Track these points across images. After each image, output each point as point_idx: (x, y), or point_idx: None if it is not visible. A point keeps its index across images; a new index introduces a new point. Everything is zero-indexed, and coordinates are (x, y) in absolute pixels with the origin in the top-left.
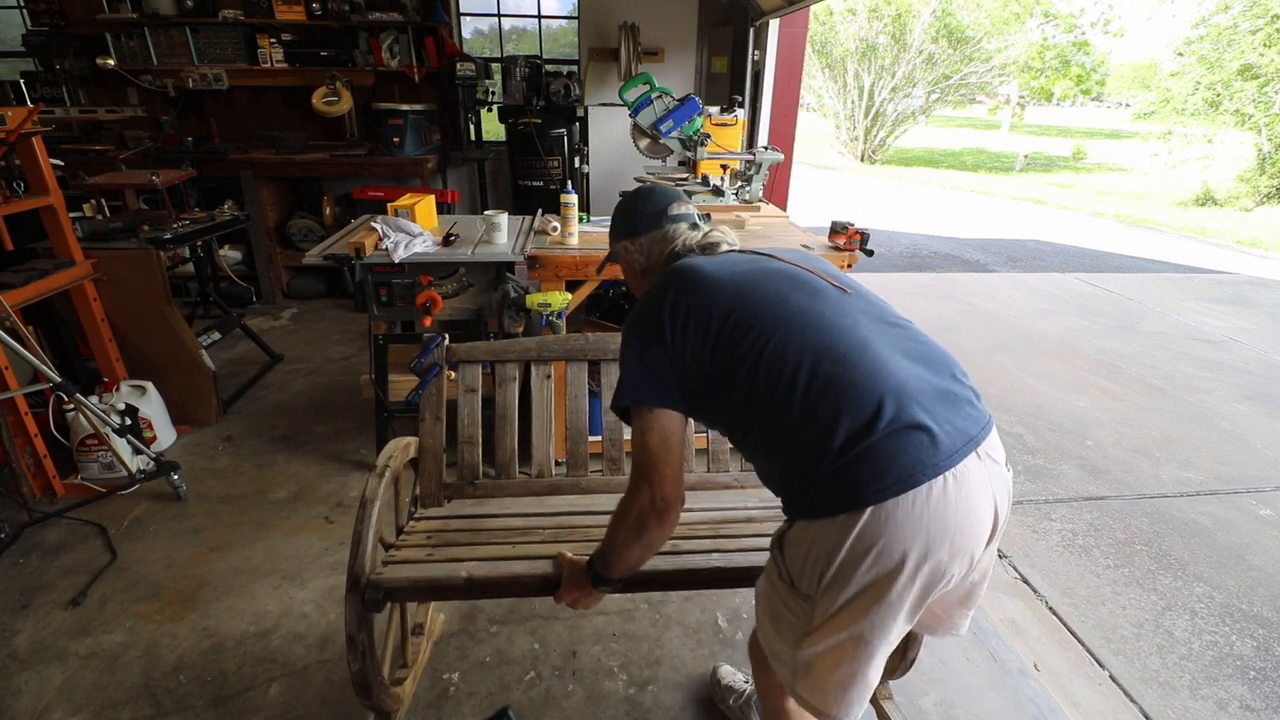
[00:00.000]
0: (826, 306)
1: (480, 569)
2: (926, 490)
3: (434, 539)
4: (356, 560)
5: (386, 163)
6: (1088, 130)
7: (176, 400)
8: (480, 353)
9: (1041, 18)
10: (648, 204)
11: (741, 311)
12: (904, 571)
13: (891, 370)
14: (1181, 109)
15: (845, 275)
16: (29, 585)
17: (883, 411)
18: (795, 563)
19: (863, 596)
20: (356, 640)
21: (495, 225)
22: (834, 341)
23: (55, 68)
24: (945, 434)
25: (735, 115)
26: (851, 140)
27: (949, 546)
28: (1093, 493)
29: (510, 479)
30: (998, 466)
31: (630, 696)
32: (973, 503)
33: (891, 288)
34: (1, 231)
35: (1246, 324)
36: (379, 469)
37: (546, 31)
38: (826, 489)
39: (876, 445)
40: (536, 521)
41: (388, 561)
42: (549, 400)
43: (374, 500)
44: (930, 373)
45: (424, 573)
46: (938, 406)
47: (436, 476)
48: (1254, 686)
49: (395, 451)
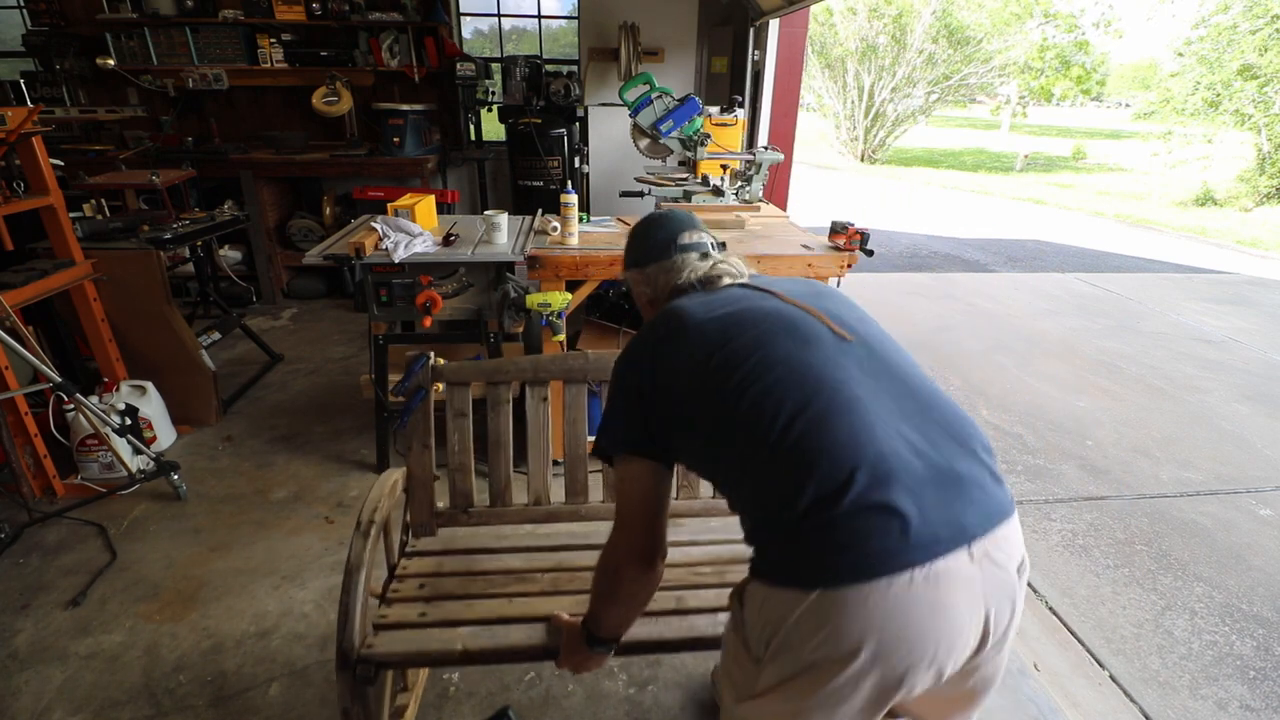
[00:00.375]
0: (816, 356)
1: (476, 639)
2: (886, 585)
3: (427, 587)
4: (345, 635)
5: (386, 163)
6: (1088, 130)
7: (176, 400)
8: (470, 374)
9: (1042, 18)
10: (656, 233)
11: (723, 356)
12: (851, 668)
13: (876, 437)
14: (1181, 109)
15: (858, 318)
16: (29, 585)
17: (852, 484)
18: (750, 621)
19: (805, 679)
20: (351, 713)
21: (495, 225)
22: (814, 397)
23: (55, 68)
24: (924, 522)
25: (735, 115)
26: (851, 140)
27: (907, 654)
28: (1093, 493)
29: (507, 506)
30: (999, 571)
31: (630, 696)
32: (947, 610)
33: (891, 288)
34: (1, 231)
35: (1246, 324)
36: (363, 526)
37: (546, 31)
38: (781, 558)
39: (838, 521)
40: (535, 560)
41: (379, 624)
42: (545, 424)
43: (360, 567)
44: (931, 444)
45: (417, 645)
46: (926, 488)
47: (428, 505)
48: (1254, 686)
49: (381, 497)
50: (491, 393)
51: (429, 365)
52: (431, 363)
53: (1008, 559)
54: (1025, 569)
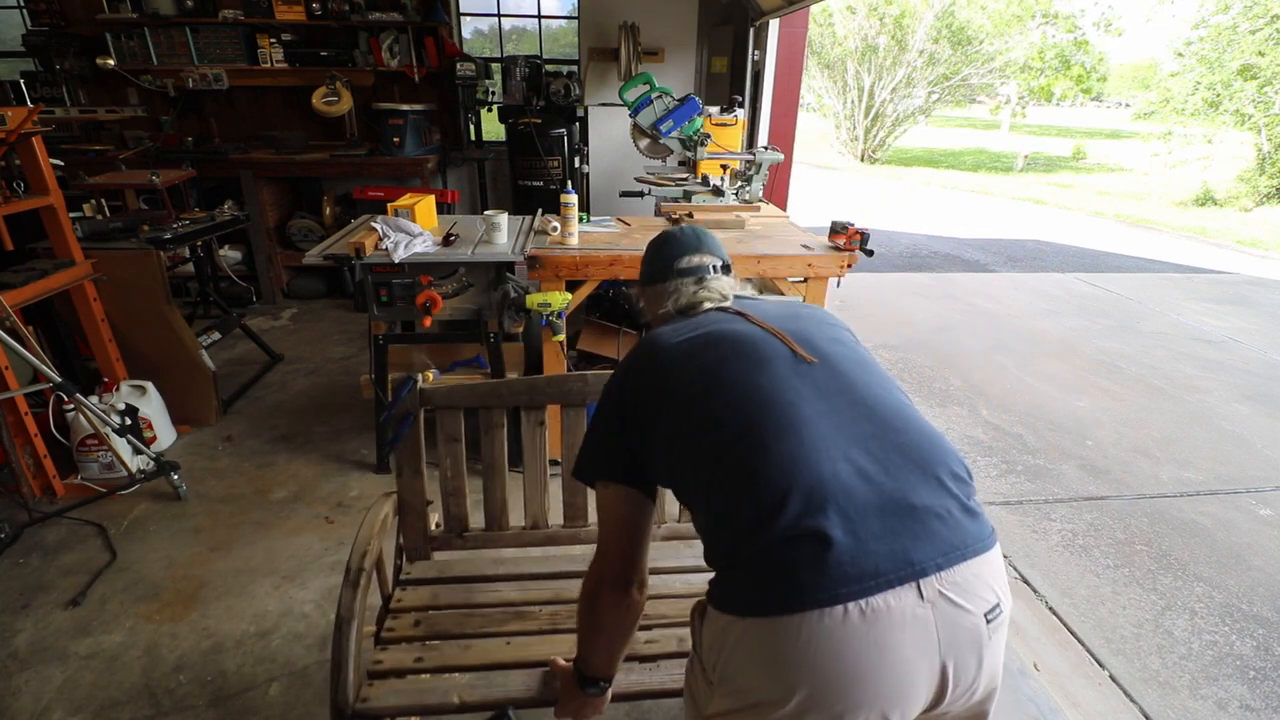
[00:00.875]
0: (766, 378)
1: (473, 691)
2: (818, 618)
3: (423, 625)
4: (339, 689)
5: (386, 163)
6: (1088, 130)
7: (176, 400)
8: (461, 398)
9: (1042, 18)
10: (660, 255)
11: (679, 380)
12: (786, 708)
13: (819, 459)
14: (1181, 109)
15: (831, 339)
16: (29, 585)
17: (785, 508)
18: (705, 641)
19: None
20: None
21: (495, 225)
22: (760, 419)
23: (55, 68)
24: (863, 553)
25: (735, 115)
26: (851, 140)
27: (844, 696)
28: (1093, 493)
29: (503, 530)
30: (960, 614)
31: None
32: (888, 651)
33: (891, 288)
34: (1, 231)
35: (1246, 324)
36: (352, 574)
37: (546, 31)
38: (721, 582)
39: (771, 547)
40: (532, 591)
41: (374, 671)
42: (541, 450)
43: (351, 620)
44: (885, 470)
45: (413, 698)
46: (869, 516)
47: (422, 531)
48: (1254, 686)
49: (371, 536)
50: (484, 417)
51: (417, 388)
52: (420, 385)
53: (972, 601)
54: (1000, 615)
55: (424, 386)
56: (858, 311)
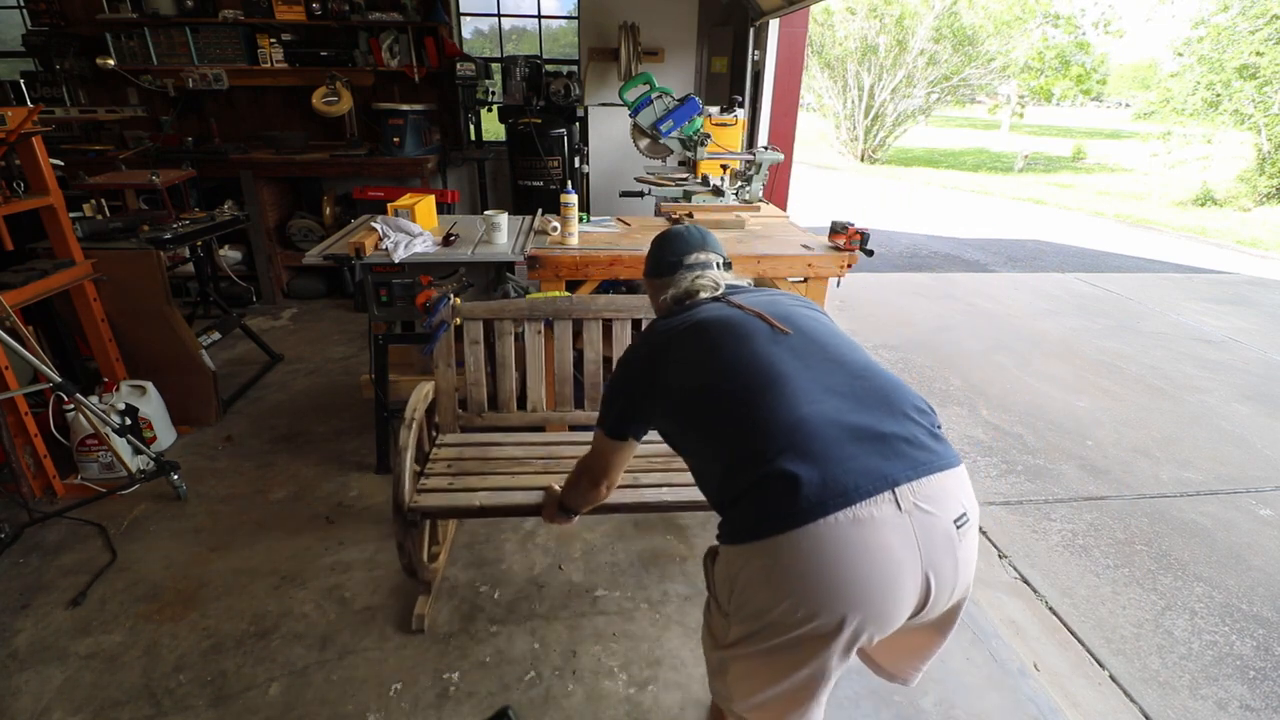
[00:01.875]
0: (749, 348)
1: (490, 499)
2: (813, 529)
3: (453, 467)
4: (398, 492)
5: (386, 163)
6: (1088, 130)
7: (176, 400)
8: (481, 311)
9: (1043, 19)
10: (669, 250)
11: (683, 363)
12: (794, 614)
13: (798, 404)
14: (1181, 109)
15: (806, 316)
16: (29, 585)
17: (773, 446)
18: (717, 580)
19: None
20: (405, 545)
21: (495, 225)
22: (746, 379)
23: (55, 68)
24: (844, 471)
25: (735, 115)
26: (851, 140)
27: (846, 596)
28: (1093, 493)
29: (510, 413)
30: (932, 519)
31: (630, 696)
32: (878, 551)
33: (891, 288)
34: (1, 231)
35: (1246, 324)
36: (407, 420)
37: (546, 31)
38: (728, 519)
39: (764, 479)
40: (531, 450)
41: (420, 489)
42: (540, 350)
43: (406, 448)
44: (856, 409)
45: (448, 501)
46: (845, 444)
47: (451, 410)
48: (1254, 686)
49: (417, 402)
50: (498, 325)
51: (450, 304)
52: (451, 302)
53: (944, 507)
54: (968, 522)
55: (454, 304)
56: (858, 311)
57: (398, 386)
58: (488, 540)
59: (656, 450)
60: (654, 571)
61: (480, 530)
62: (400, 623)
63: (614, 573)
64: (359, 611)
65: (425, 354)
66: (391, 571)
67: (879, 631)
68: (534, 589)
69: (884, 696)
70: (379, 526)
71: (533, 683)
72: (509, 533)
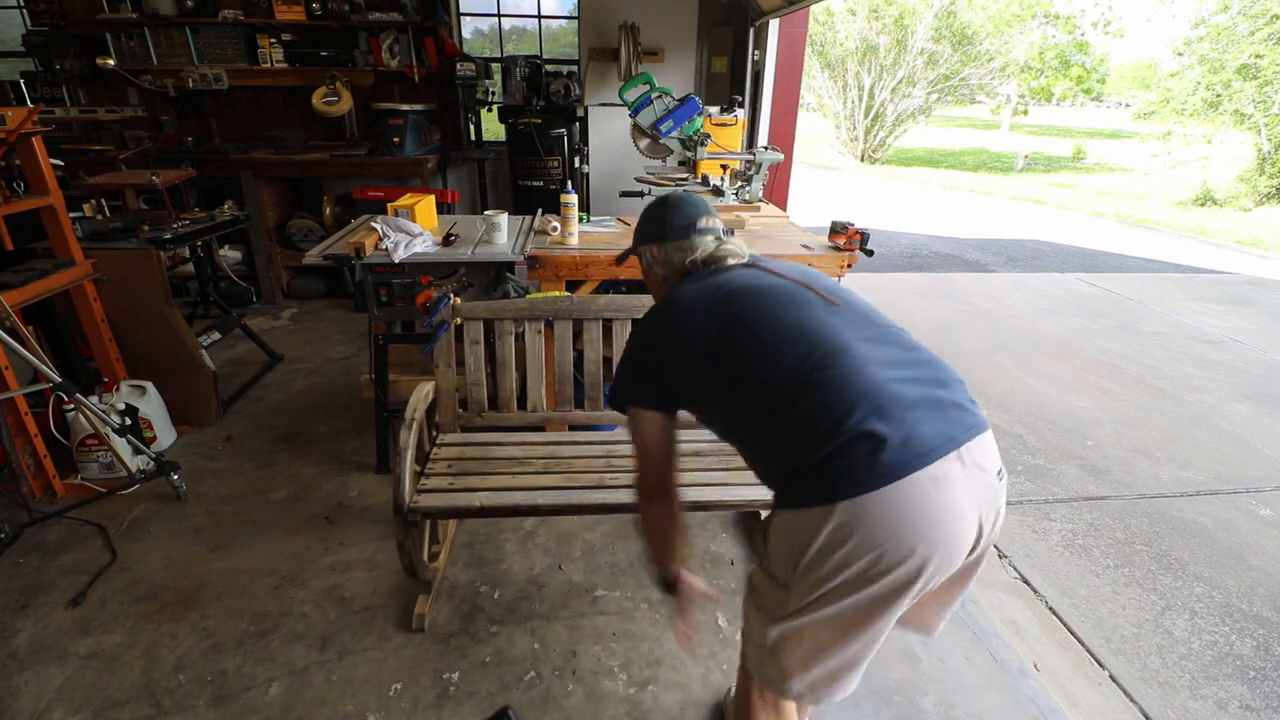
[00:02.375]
0: (811, 317)
1: (490, 498)
2: (898, 487)
3: (453, 467)
4: (398, 492)
5: (386, 163)
6: (1088, 130)
7: (176, 400)
8: (481, 311)
9: (1043, 18)
10: (677, 214)
11: (732, 327)
12: (877, 566)
13: (870, 374)
14: (1181, 109)
15: (840, 289)
16: (29, 585)
17: (856, 412)
18: (774, 552)
19: (834, 587)
20: (405, 545)
21: (495, 225)
22: (815, 348)
23: (55, 68)
24: (919, 435)
25: (735, 115)
26: (851, 140)
27: (926, 545)
28: (1093, 493)
29: (510, 413)
30: (984, 474)
31: (630, 696)
32: (952, 507)
33: (891, 288)
34: (1, 231)
35: (1246, 324)
36: (407, 421)
37: (546, 31)
38: (805, 483)
39: (846, 446)
40: (531, 451)
41: (420, 489)
42: (540, 350)
43: (406, 448)
44: (915, 378)
45: (448, 501)
46: (917, 409)
47: (452, 410)
48: (1254, 686)
49: (418, 402)
50: (498, 325)
51: (451, 304)
52: (451, 302)
53: (990, 464)
54: (1003, 477)
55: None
56: None
57: (398, 386)
58: (488, 540)
59: None
60: None
61: (480, 530)
62: (400, 623)
63: (614, 573)
64: (359, 611)
65: (425, 354)
66: (391, 571)
67: (943, 577)
68: (534, 589)
69: (884, 696)
70: (379, 526)
71: (533, 683)
72: (509, 533)
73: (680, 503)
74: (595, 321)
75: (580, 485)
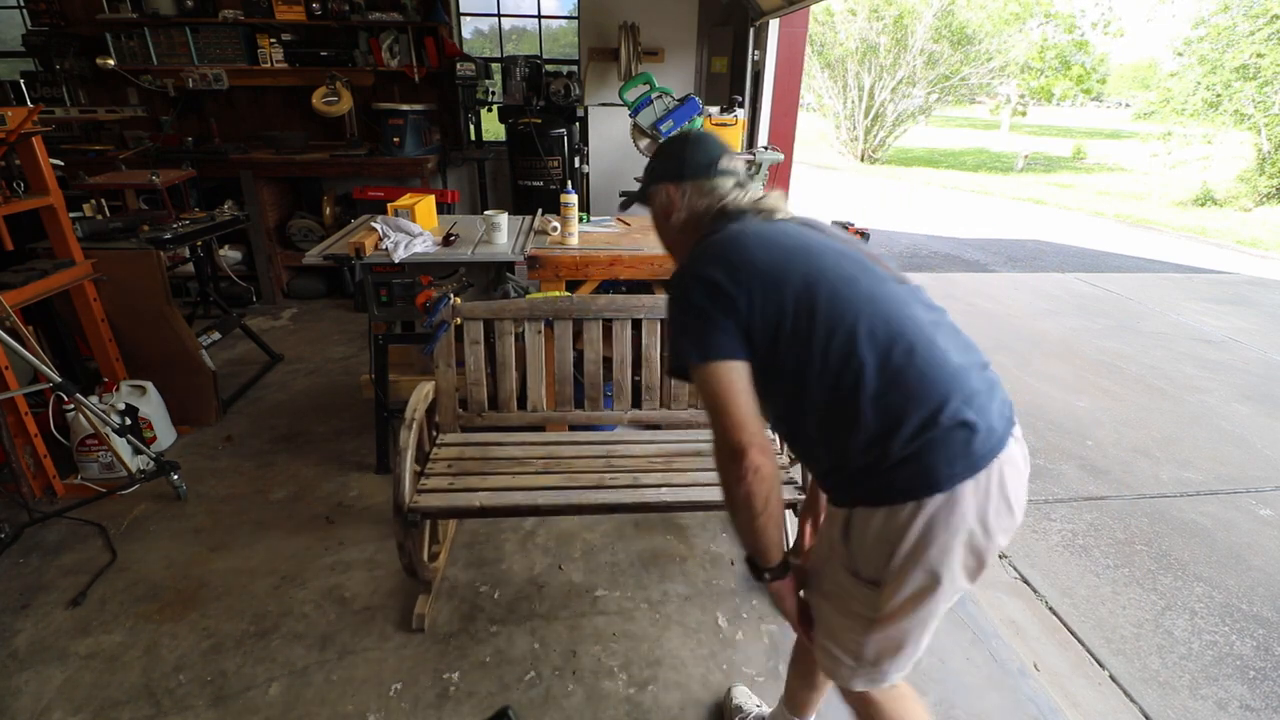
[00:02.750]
0: (892, 296)
1: (490, 498)
2: (984, 474)
3: (454, 467)
4: (398, 493)
5: (386, 163)
6: (1088, 130)
7: (176, 400)
8: (481, 311)
9: (1042, 18)
10: (698, 150)
11: (815, 288)
12: (967, 550)
13: (952, 362)
14: (1181, 109)
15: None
16: (29, 585)
17: (948, 404)
18: (858, 550)
19: (931, 576)
20: (405, 545)
21: (495, 225)
22: (900, 333)
23: (55, 68)
24: (999, 421)
25: (735, 115)
26: (851, 140)
27: (1001, 524)
28: (1093, 493)
29: (511, 413)
30: (1022, 446)
31: (630, 696)
32: (1020, 485)
33: None
34: (1, 231)
35: (1246, 324)
36: (407, 421)
37: (546, 31)
38: (894, 477)
39: (941, 436)
40: (531, 451)
41: (420, 489)
42: (540, 350)
43: (406, 448)
44: (975, 364)
45: (448, 501)
46: (988, 396)
47: (452, 410)
48: (1254, 686)
49: (418, 402)
50: (498, 325)
51: (451, 304)
52: (451, 302)
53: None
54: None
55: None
56: None
57: (398, 386)
58: (488, 540)
59: (657, 450)
60: (654, 571)
61: (480, 530)
62: (400, 623)
63: (614, 573)
64: (359, 611)
65: (425, 354)
66: (391, 571)
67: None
68: (534, 589)
69: None
70: (379, 526)
71: (533, 683)
72: (509, 533)
73: (777, 466)
74: (595, 321)
75: (580, 485)
